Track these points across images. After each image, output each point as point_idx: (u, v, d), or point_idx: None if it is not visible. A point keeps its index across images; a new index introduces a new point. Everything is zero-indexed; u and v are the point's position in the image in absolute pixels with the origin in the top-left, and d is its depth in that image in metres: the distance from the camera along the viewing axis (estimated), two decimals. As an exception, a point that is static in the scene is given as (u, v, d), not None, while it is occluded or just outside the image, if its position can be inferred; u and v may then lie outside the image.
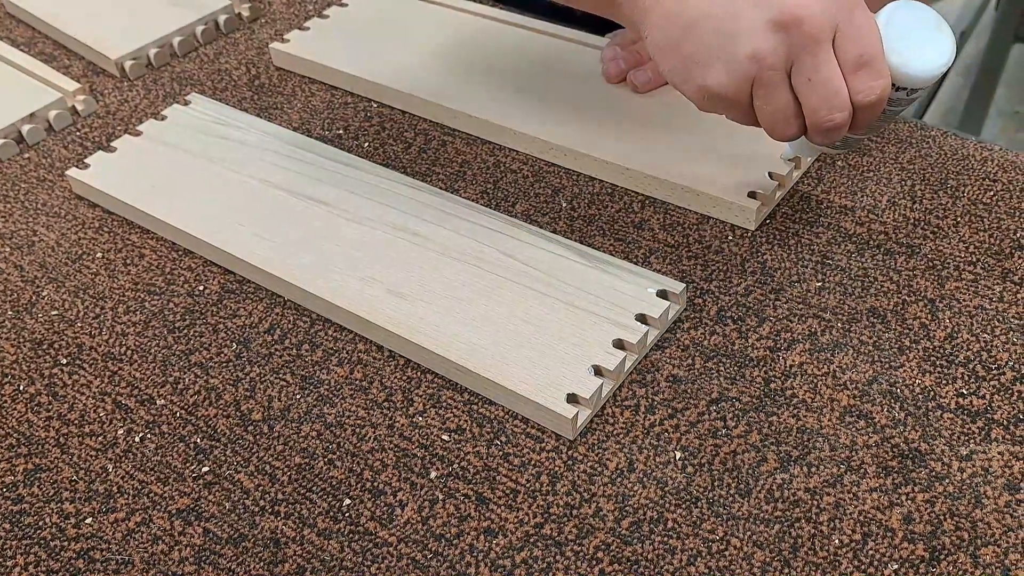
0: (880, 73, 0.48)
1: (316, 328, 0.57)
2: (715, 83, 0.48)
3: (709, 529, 0.45)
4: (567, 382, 0.50)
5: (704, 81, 0.49)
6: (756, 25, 0.46)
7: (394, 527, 0.47)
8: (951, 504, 0.45)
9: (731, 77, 0.48)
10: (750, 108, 0.50)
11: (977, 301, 0.54)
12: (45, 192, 0.70)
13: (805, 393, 0.50)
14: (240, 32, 0.85)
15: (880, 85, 0.48)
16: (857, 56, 0.47)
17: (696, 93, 0.50)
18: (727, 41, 0.47)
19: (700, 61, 0.48)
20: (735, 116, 0.52)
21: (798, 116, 0.49)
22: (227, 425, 0.52)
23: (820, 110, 0.48)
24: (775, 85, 0.48)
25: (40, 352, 0.58)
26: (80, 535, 0.48)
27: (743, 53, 0.47)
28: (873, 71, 0.48)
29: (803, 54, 0.47)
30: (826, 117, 0.48)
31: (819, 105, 0.48)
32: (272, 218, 0.62)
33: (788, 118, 0.49)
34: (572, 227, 0.61)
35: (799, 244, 0.58)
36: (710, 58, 0.48)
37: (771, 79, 0.48)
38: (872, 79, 0.48)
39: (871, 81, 0.48)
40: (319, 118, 0.73)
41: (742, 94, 0.49)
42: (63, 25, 0.84)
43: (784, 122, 0.50)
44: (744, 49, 0.47)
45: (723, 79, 0.48)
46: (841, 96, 0.48)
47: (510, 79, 0.71)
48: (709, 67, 0.48)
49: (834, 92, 0.48)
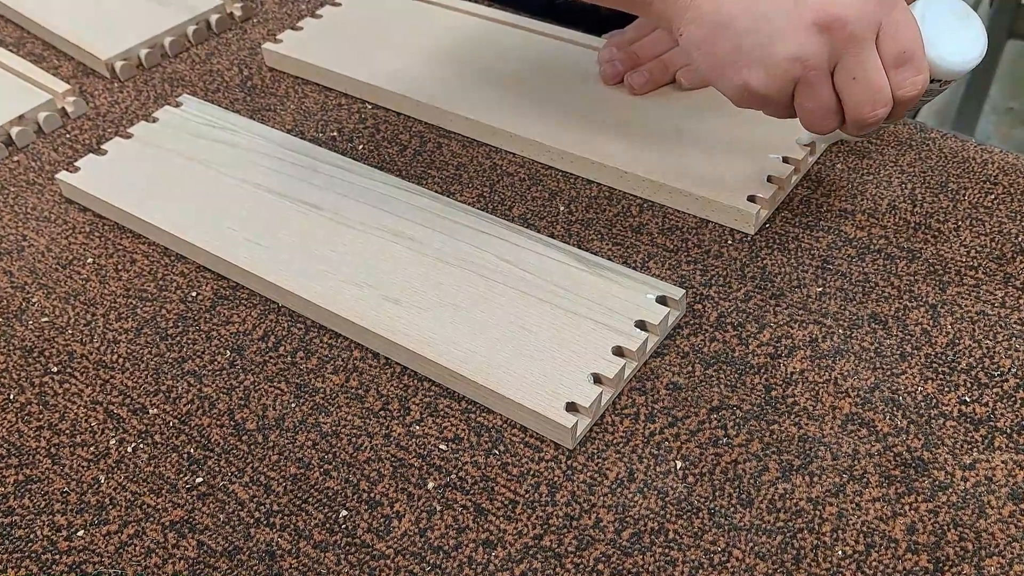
0: (921, 68, 0.48)
1: (311, 335, 0.56)
2: (756, 83, 0.49)
3: (710, 540, 0.44)
4: (566, 390, 0.49)
5: (743, 80, 0.49)
6: (798, 26, 0.46)
7: (391, 539, 0.46)
8: (955, 514, 0.44)
9: (772, 78, 0.48)
10: (790, 104, 0.50)
11: (979, 306, 0.53)
12: (34, 196, 0.69)
13: (806, 401, 0.50)
14: (232, 32, 0.84)
15: (921, 80, 0.49)
16: (899, 53, 0.48)
17: (734, 92, 0.50)
18: (767, 41, 0.47)
19: (739, 61, 0.48)
20: (772, 112, 0.52)
21: (839, 111, 0.50)
22: (221, 435, 0.52)
23: (863, 107, 0.49)
24: (818, 84, 0.48)
25: (30, 360, 0.57)
26: (72, 548, 0.47)
27: (785, 55, 0.47)
28: (914, 66, 0.48)
29: (847, 55, 0.47)
30: (869, 113, 0.49)
31: (862, 102, 0.49)
32: (265, 222, 0.61)
33: (829, 114, 0.50)
34: (570, 231, 0.61)
35: (799, 248, 0.58)
36: (750, 58, 0.48)
37: (814, 79, 0.48)
38: (913, 74, 0.48)
39: (912, 76, 0.48)
40: (312, 120, 0.72)
41: (783, 92, 0.49)
42: (52, 25, 0.83)
43: (824, 118, 0.50)
44: (786, 51, 0.47)
45: (764, 79, 0.48)
46: (884, 92, 0.48)
47: (506, 80, 0.71)
48: (749, 67, 0.48)
49: (878, 88, 0.48)
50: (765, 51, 0.48)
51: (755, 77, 0.49)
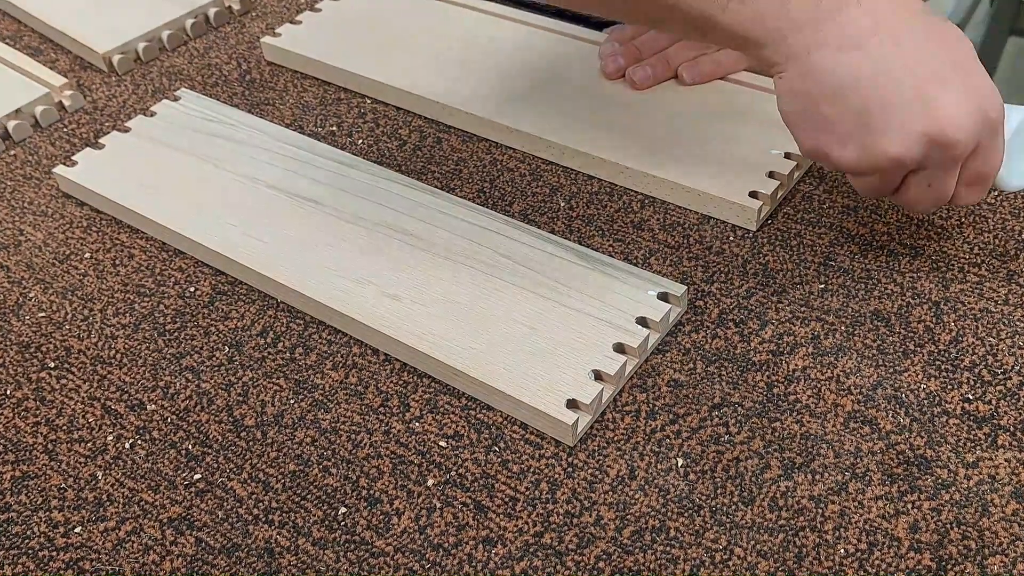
0: (987, 188, 0.49)
1: (310, 331, 0.56)
2: (840, 158, 0.48)
3: (712, 538, 0.44)
4: (567, 387, 0.49)
5: (830, 150, 0.48)
6: (909, 130, 0.45)
7: (391, 536, 0.46)
8: (958, 512, 0.44)
9: (860, 163, 0.47)
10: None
11: (982, 304, 0.53)
12: (32, 190, 0.68)
13: (808, 398, 0.49)
14: (230, 26, 0.83)
15: (982, 197, 0.50)
16: (977, 175, 0.48)
17: (812, 151, 0.49)
18: (873, 131, 0.46)
19: (836, 132, 0.47)
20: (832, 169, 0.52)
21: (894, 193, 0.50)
22: (219, 431, 0.51)
23: (920, 206, 0.50)
24: (894, 176, 0.49)
25: (27, 356, 0.56)
26: (69, 545, 0.47)
27: (884, 153, 0.46)
28: (982, 188, 0.49)
29: (938, 169, 0.47)
30: (923, 211, 0.51)
31: (923, 203, 0.50)
32: (264, 217, 0.61)
33: (885, 193, 0.50)
34: (570, 227, 0.60)
35: (801, 245, 0.57)
36: (848, 135, 0.47)
37: (899, 175, 0.48)
38: (979, 195, 0.50)
39: (977, 196, 0.50)
40: (312, 114, 0.72)
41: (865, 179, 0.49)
42: (49, 18, 0.83)
43: (877, 194, 0.51)
44: (887, 150, 0.46)
45: (853, 161, 0.47)
46: (945, 200, 0.49)
47: (507, 75, 0.70)
48: (842, 143, 0.47)
49: (943, 198, 0.49)
50: (867, 139, 0.46)
51: (844, 155, 0.47)
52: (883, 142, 0.46)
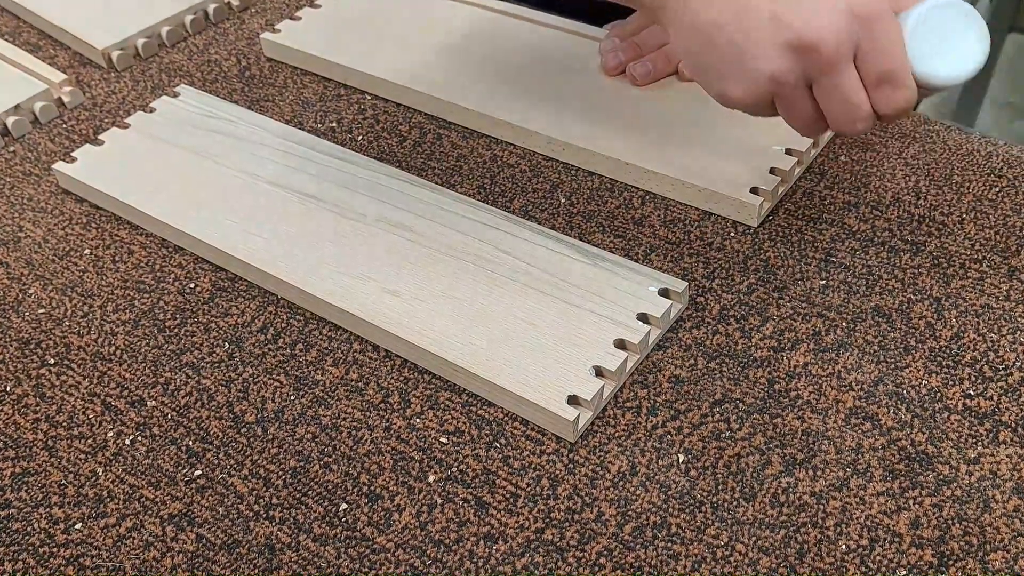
0: (903, 85, 0.47)
1: (310, 327, 0.56)
2: (734, 94, 0.49)
3: (713, 534, 0.44)
4: (567, 383, 0.49)
5: (724, 90, 0.49)
6: (771, 47, 0.46)
7: (392, 532, 0.46)
8: (959, 508, 0.44)
9: (748, 92, 0.48)
10: (773, 111, 0.50)
11: (983, 300, 0.53)
12: (31, 187, 0.68)
13: (810, 394, 0.49)
14: (230, 22, 0.83)
15: (903, 97, 0.47)
16: (878, 73, 0.47)
17: (718, 98, 0.51)
18: (744, 57, 0.47)
19: (720, 70, 0.49)
20: (758, 115, 0.52)
21: (821, 119, 0.49)
22: (220, 427, 0.51)
23: (841, 122, 0.48)
24: (796, 99, 0.48)
25: (27, 352, 0.56)
26: (70, 541, 0.47)
27: (760, 73, 0.47)
28: (895, 85, 0.47)
29: (821, 77, 0.47)
30: (849, 128, 0.49)
31: (841, 118, 0.48)
32: (264, 214, 0.61)
33: (811, 123, 0.50)
34: (571, 223, 0.60)
35: (802, 241, 0.57)
36: (727, 71, 0.48)
37: (791, 95, 0.48)
38: (894, 93, 0.47)
39: (893, 95, 0.47)
40: (311, 111, 0.72)
41: (762, 104, 0.49)
42: (49, 14, 0.82)
43: (807, 127, 0.50)
44: (760, 70, 0.47)
45: (741, 92, 0.48)
46: (862, 109, 0.47)
47: (507, 71, 0.70)
48: (727, 79, 0.48)
49: (856, 107, 0.47)
50: (742, 66, 0.47)
51: (733, 89, 0.49)
52: (755, 66, 0.47)
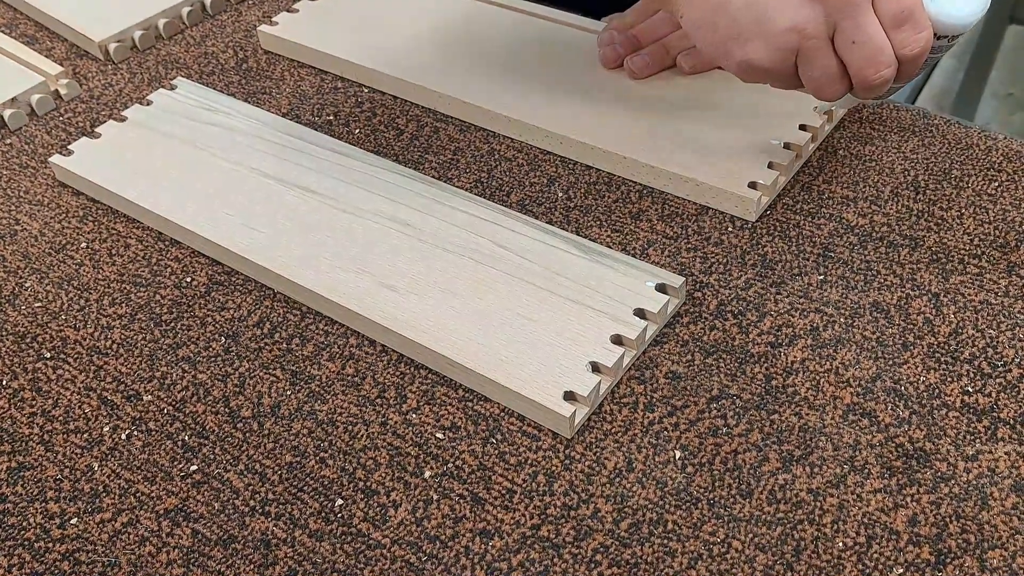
0: (922, 25, 0.48)
1: (307, 321, 0.56)
2: (756, 57, 0.49)
3: (710, 531, 0.44)
4: (564, 379, 0.49)
5: (744, 56, 0.49)
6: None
7: (387, 528, 0.46)
8: (957, 506, 0.44)
9: (771, 51, 0.48)
10: (794, 75, 0.50)
11: (982, 295, 0.53)
12: (27, 179, 0.68)
13: (807, 391, 0.49)
14: (227, 14, 0.83)
15: (923, 37, 0.48)
16: (897, 12, 0.47)
17: (737, 68, 0.50)
18: (763, 15, 0.47)
19: (737, 37, 0.49)
20: (779, 84, 0.52)
21: (844, 76, 0.50)
22: (216, 422, 0.51)
23: (867, 69, 0.48)
24: (818, 51, 0.48)
25: (23, 346, 0.56)
26: (65, 536, 0.47)
27: (781, 27, 0.47)
28: (914, 24, 0.48)
29: (843, 20, 0.47)
30: (874, 75, 0.49)
31: (865, 65, 0.48)
32: (260, 207, 0.61)
33: (834, 79, 0.50)
34: (568, 218, 0.60)
35: (800, 236, 0.57)
36: (747, 33, 0.48)
37: (814, 46, 0.48)
38: (915, 32, 0.48)
39: (914, 34, 0.48)
40: (309, 103, 0.72)
41: (785, 64, 0.49)
42: (45, 6, 0.82)
43: (830, 83, 0.50)
44: (782, 23, 0.47)
45: (763, 53, 0.48)
46: (886, 52, 0.48)
47: (505, 64, 0.70)
48: (748, 42, 0.48)
49: (879, 50, 0.48)
50: (762, 25, 0.48)
51: (755, 52, 0.49)
52: (774, 19, 0.47)
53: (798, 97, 0.63)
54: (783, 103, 0.63)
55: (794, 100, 0.63)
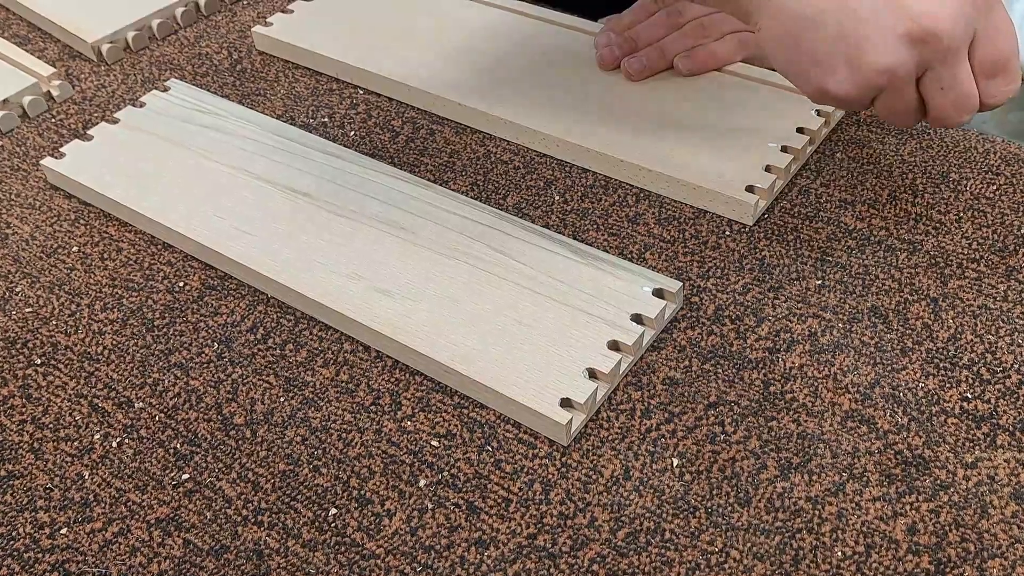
0: (1014, 76, 0.47)
1: (300, 327, 0.55)
2: (838, 89, 0.47)
3: (708, 540, 0.44)
4: (560, 385, 0.48)
5: (825, 84, 0.47)
6: (888, 36, 0.44)
7: (382, 538, 0.45)
8: (956, 514, 0.43)
9: (856, 84, 0.46)
10: (868, 105, 0.49)
11: (981, 300, 0.52)
12: (19, 182, 0.67)
13: (805, 397, 0.49)
14: (221, 14, 0.82)
15: (1013, 89, 0.47)
16: (993, 62, 0.46)
17: (814, 92, 0.48)
18: (854, 48, 0.45)
19: (822, 62, 0.46)
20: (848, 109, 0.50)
21: (920, 111, 0.48)
22: (208, 429, 0.50)
23: (948, 114, 0.47)
24: (903, 91, 0.47)
25: (13, 352, 0.56)
26: (55, 546, 0.46)
27: (873, 66, 0.45)
28: (1007, 76, 0.46)
29: (938, 66, 0.45)
30: (954, 120, 0.48)
31: (949, 110, 0.47)
32: (254, 211, 0.60)
33: (911, 114, 0.48)
34: (565, 221, 0.60)
35: (798, 240, 0.57)
36: (834, 61, 0.46)
37: (900, 88, 0.46)
38: (1006, 84, 0.47)
39: (1004, 86, 0.47)
40: (303, 105, 0.71)
41: (866, 99, 0.48)
42: (38, 6, 0.81)
43: (905, 117, 0.49)
44: (874, 61, 0.45)
45: (847, 86, 0.46)
46: (972, 101, 0.47)
47: (500, 65, 0.69)
48: (832, 71, 0.46)
49: (966, 98, 0.47)
50: (852, 58, 0.45)
51: (839, 84, 0.46)
52: (869, 56, 0.45)
53: (795, 100, 0.63)
54: (781, 106, 0.63)
55: (791, 104, 0.63)
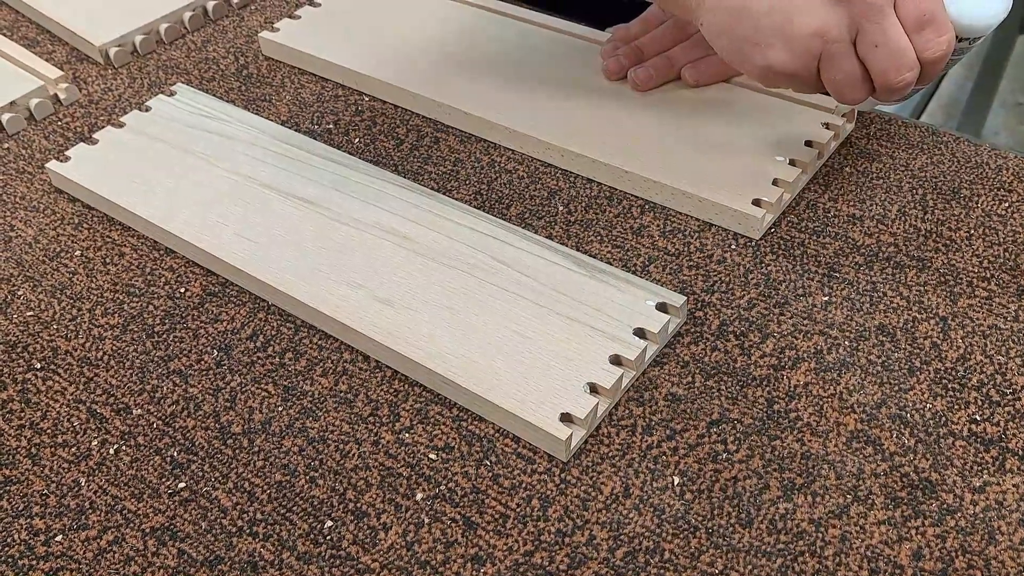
0: (943, 28, 0.48)
1: (300, 335, 0.55)
2: (778, 62, 0.49)
3: (708, 562, 0.43)
4: (561, 400, 0.48)
5: (766, 61, 0.49)
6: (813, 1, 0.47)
7: (377, 552, 0.45)
8: (963, 540, 0.43)
9: (794, 55, 0.48)
10: (816, 78, 0.51)
11: (991, 320, 0.51)
12: (24, 185, 0.67)
13: (810, 416, 0.48)
14: (229, 19, 0.82)
15: (945, 40, 0.48)
16: (919, 15, 0.47)
17: (759, 73, 0.50)
18: (785, 20, 0.47)
19: (760, 41, 0.49)
20: (801, 88, 0.52)
21: (866, 79, 0.50)
22: (205, 438, 0.50)
23: (889, 72, 0.49)
24: (841, 55, 0.49)
25: (14, 355, 0.55)
26: (49, 554, 0.46)
27: (805, 31, 0.47)
28: (936, 27, 0.48)
29: (867, 23, 0.47)
30: (896, 78, 0.49)
31: (888, 68, 0.49)
32: (257, 217, 0.60)
33: (857, 83, 0.50)
34: (568, 232, 0.59)
35: (805, 255, 0.56)
36: (770, 38, 0.48)
37: (837, 51, 0.48)
38: (937, 35, 0.48)
39: (936, 37, 0.48)
40: (308, 111, 0.71)
41: (808, 69, 0.49)
42: (47, 9, 0.81)
43: (853, 87, 0.50)
44: (805, 27, 0.47)
45: (785, 57, 0.49)
46: (909, 56, 0.48)
47: (507, 74, 0.69)
48: (770, 47, 0.49)
49: (901, 53, 0.48)
50: (784, 29, 0.48)
51: (778, 56, 0.49)
52: (797, 23, 0.47)
53: (804, 113, 0.62)
54: (789, 119, 0.62)
55: (800, 116, 0.62)
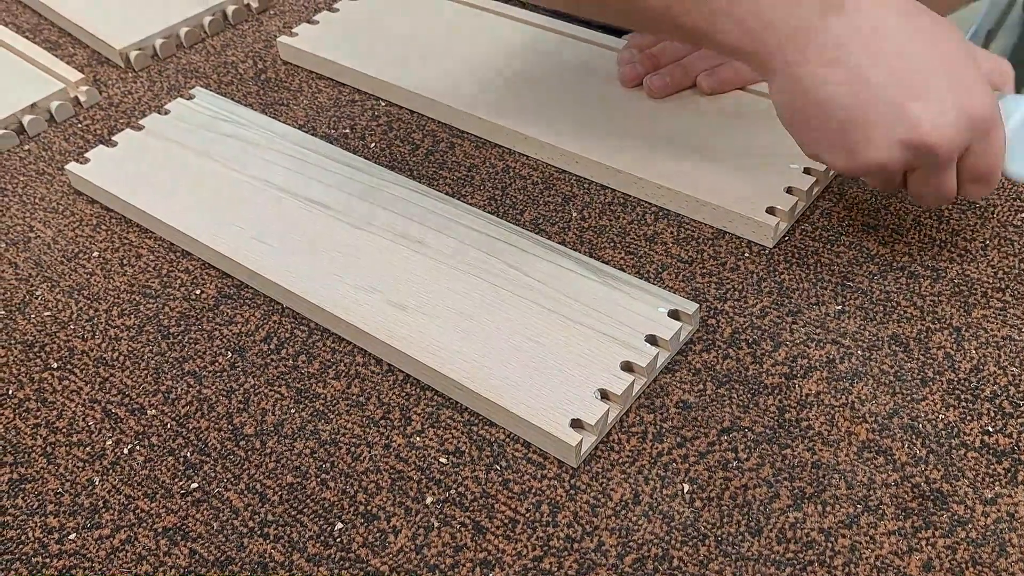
0: (995, 184, 0.50)
1: (314, 338, 0.55)
2: (835, 164, 0.50)
3: (716, 570, 0.43)
4: (571, 406, 0.48)
5: (824, 156, 0.50)
6: (888, 138, 0.47)
7: (386, 555, 0.45)
8: (974, 552, 0.42)
9: (848, 167, 0.49)
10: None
11: (1005, 331, 0.51)
12: (44, 186, 0.68)
13: (821, 425, 0.48)
14: (248, 24, 0.82)
15: (989, 191, 0.50)
16: (978, 175, 0.49)
17: (809, 155, 0.52)
18: (855, 144, 0.48)
19: (822, 141, 0.49)
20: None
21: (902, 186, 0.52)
22: (218, 439, 0.50)
23: (927, 201, 0.51)
24: (890, 179, 0.50)
25: (31, 355, 0.56)
26: (63, 552, 0.46)
27: (868, 159, 0.48)
28: (989, 184, 0.50)
29: (926, 170, 0.48)
30: (932, 206, 0.55)
31: (928, 200, 0.51)
32: (272, 221, 0.60)
33: (892, 189, 0.52)
34: (582, 238, 0.59)
35: (818, 264, 0.56)
36: (834, 146, 0.49)
37: (888, 177, 0.50)
38: (985, 190, 0.50)
39: (983, 191, 0.50)
40: (325, 116, 0.71)
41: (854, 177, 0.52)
42: (69, 12, 0.82)
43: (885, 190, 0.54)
44: (870, 158, 0.48)
45: (840, 165, 0.50)
46: (950, 197, 0.50)
47: (522, 80, 0.69)
48: (830, 150, 0.49)
49: (945, 196, 0.50)
50: (852, 149, 0.48)
51: (836, 160, 0.50)
52: (866, 151, 0.48)
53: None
54: (805, 126, 0.62)
55: (816, 124, 0.62)
